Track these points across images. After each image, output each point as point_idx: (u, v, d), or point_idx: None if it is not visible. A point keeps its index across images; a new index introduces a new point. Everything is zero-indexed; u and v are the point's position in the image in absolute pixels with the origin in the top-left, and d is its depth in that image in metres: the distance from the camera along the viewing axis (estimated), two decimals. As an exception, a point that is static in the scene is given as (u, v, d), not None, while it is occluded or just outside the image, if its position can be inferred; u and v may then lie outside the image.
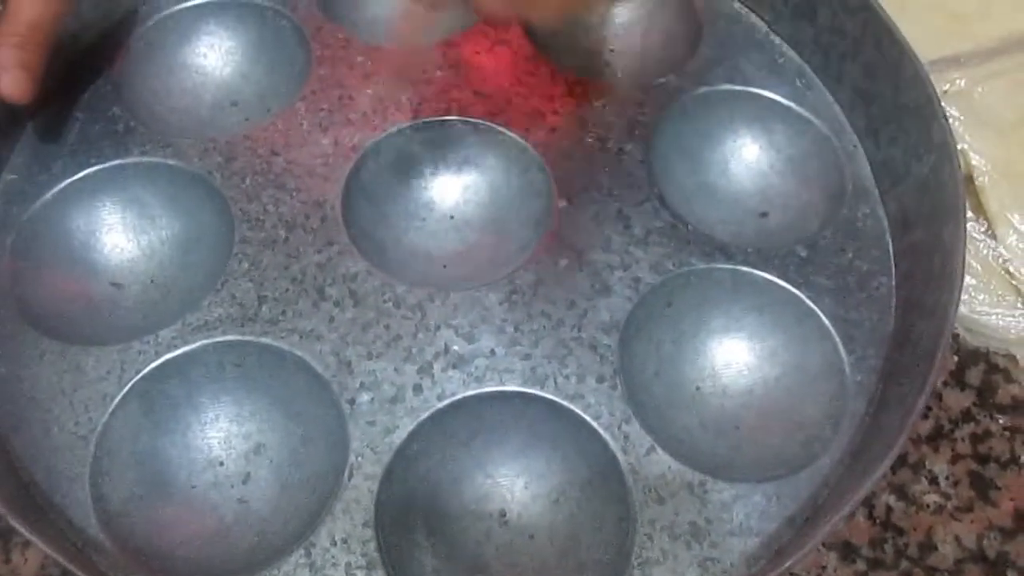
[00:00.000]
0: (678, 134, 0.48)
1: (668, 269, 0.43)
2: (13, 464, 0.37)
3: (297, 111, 0.47)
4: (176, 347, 0.40)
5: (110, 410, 0.39)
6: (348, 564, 0.36)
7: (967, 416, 0.43)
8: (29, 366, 0.39)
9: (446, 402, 0.39)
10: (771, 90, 0.48)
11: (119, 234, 0.44)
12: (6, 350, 0.40)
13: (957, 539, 0.40)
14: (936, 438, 0.43)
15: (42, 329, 0.40)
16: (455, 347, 0.41)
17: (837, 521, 0.32)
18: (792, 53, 0.50)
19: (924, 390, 0.35)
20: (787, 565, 0.32)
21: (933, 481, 0.42)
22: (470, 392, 0.40)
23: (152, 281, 0.44)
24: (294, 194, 0.44)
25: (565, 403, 0.39)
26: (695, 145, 0.48)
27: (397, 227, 0.46)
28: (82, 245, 0.44)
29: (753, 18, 0.51)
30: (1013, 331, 0.44)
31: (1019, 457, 0.42)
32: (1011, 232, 0.45)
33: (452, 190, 0.47)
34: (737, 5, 0.51)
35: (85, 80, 0.47)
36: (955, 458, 0.42)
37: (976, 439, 0.43)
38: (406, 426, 0.39)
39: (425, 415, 0.39)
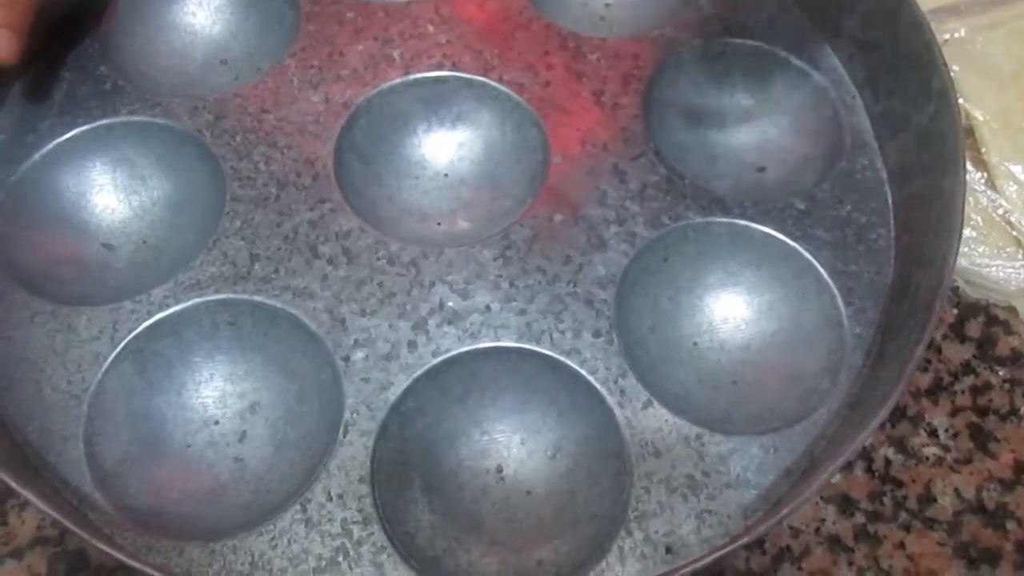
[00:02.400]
0: (674, 87, 0.47)
1: (664, 223, 0.42)
2: (6, 424, 0.37)
3: (287, 68, 0.46)
4: (168, 306, 0.40)
5: (103, 369, 0.38)
6: (344, 520, 0.36)
7: (967, 369, 0.43)
8: (20, 327, 0.39)
9: (441, 358, 0.39)
10: (768, 42, 0.47)
11: (110, 194, 0.44)
12: (-3, 311, 0.40)
13: (956, 491, 0.40)
14: (936, 391, 0.43)
15: (33, 290, 0.40)
16: (450, 303, 0.40)
17: (833, 471, 0.32)
18: (790, 3, 0.49)
19: (922, 340, 0.34)
20: (782, 515, 0.32)
21: (932, 434, 0.42)
22: (465, 348, 0.39)
23: (144, 242, 0.44)
24: (285, 152, 0.44)
25: (561, 358, 0.39)
26: (691, 99, 0.47)
27: (389, 186, 0.45)
28: (72, 206, 0.43)
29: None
30: (1014, 283, 0.44)
31: (1019, 409, 0.42)
32: (1011, 183, 0.45)
33: (446, 147, 0.46)
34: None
35: (71, 39, 0.46)
36: (955, 411, 0.42)
37: (976, 391, 0.42)
38: (401, 383, 0.38)
39: (420, 371, 0.39)
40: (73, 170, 0.44)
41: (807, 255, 0.42)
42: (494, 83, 0.46)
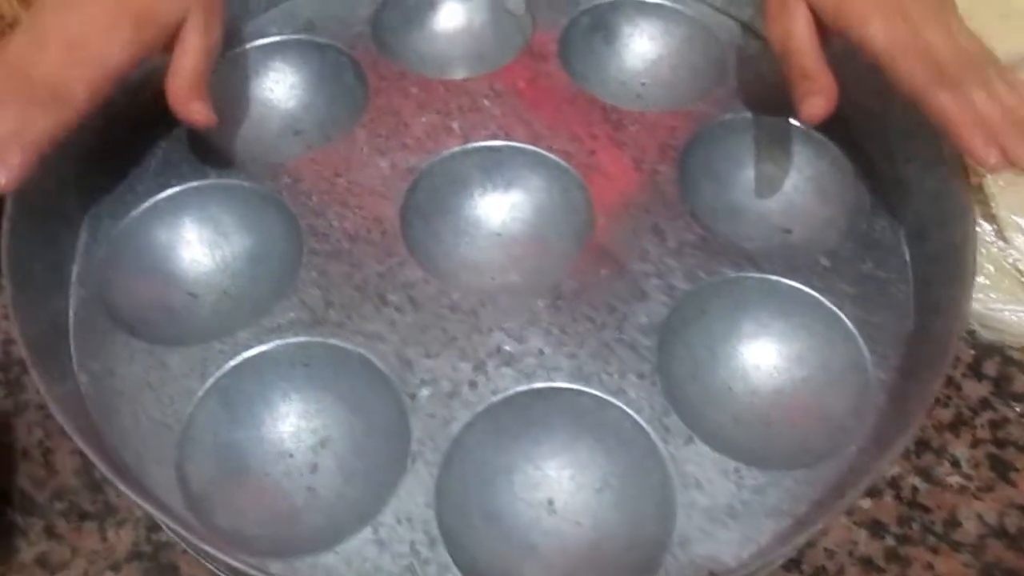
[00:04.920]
0: (707, 157, 0.51)
1: (701, 278, 0.46)
2: (107, 449, 0.41)
3: (357, 137, 0.51)
4: (252, 347, 0.44)
5: (194, 404, 0.42)
6: (412, 541, 0.39)
7: (985, 404, 0.46)
8: (119, 363, 0.43)
9: (499, 397, 0.43)
10: (791, 116, 0.52)
11: (196, 248, 0.49)
12: (99, 349, 0.44)
13: (979, 516, 0.43)
14: (957, 425, 0.46)
15: (131, 331, 0.44)
16: (506, 347, 0.44)
17: (856, 493, 0.35)
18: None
19: (939, 377, 0.38)
20: (810, 531, 0.35)
21: (955, 464, 0.45)
22: (521, 388, 0.43)
23: (225, 292, 0.48)
24: (356, 211, 0.48)
25: (609, 398, 0.43)
26: (722, 167, 0.52)
27: (447, 242, 0.50)
28: (163, 258, 0.48)
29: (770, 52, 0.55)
30: (1026, 325, 0.48)
31: (1035, 441, 0.45)
32: (1019, 234, 0.49)
33: (499, 209, 0.50)
34: (757, 43, 0.56)
35: (164, 113, 0.51)
36: (975, 443, 0.45)
37: (994, 425, 0.46)
38: (463, 418, 0.42)
39: (480, 408, 0.42)
40: (165, 226, 0.48)
41: (833, 307, 0.45)
42: (544, 151, 0.50)
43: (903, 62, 0.41)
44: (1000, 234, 0.50)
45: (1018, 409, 0.46)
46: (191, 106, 0.45)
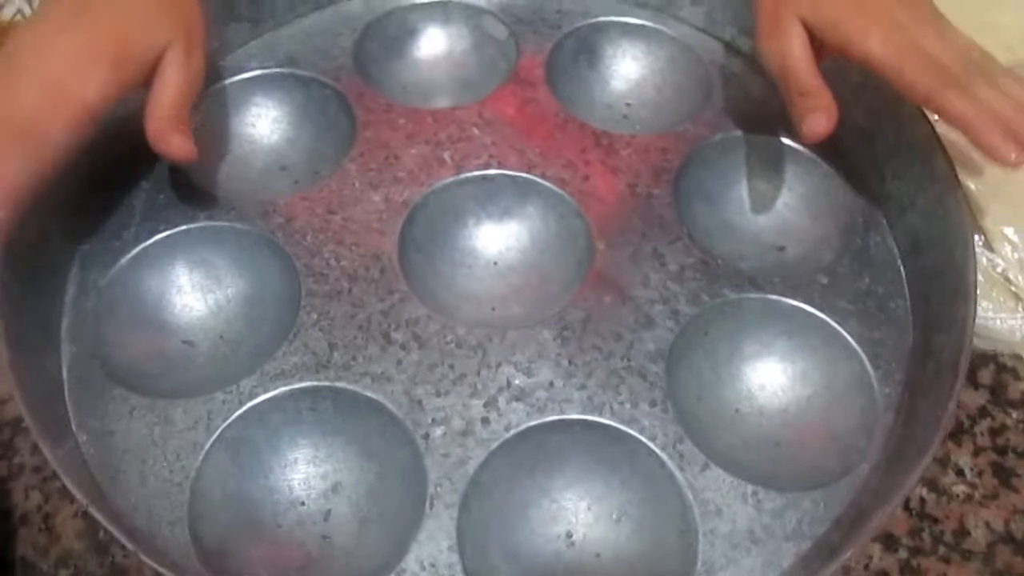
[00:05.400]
0: (699, 178, 0.52)
1: (703, 301, 0.46)
2: (114, 511, 0.39)
3: (348, 172, 0.50)
4: (257, 395, 0.43)
5: (201, 457, 0.41)
6: (438, 587, 0.39)
7: (983, 413, 0.47)
8: (120, 421, 0.42)
9: (512, 432, 0.42)
10: (780, 134, 0.53)
11: (188, 294, 0.47)
12: (97, 407, 0.42)
13: (987, 524, 0.44)
14: (958, 434, 0.47)
15: (128, 386, 0.43)
16: (516, 381, 0.44)
17: (882, 518, 0.36)
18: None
19: (952, 396, 0.39)
20: (839, 561, 0.35)
21: (959, 473, 0.46)
22: (533, 422, 0.43)
23: (221, 337, 0.47)
24: (353, 248, 0.47)
25: (622, 427, 0.43)
26: (714, 188, 0.52)
27: (445, 275, 0.49)
28: (154, 307, 0.47)
29: (754, 71, 0.55)
30: (1017, 333, 0.49)
31: (1034, 446, 0.47)
32: (1006, 244, 0.50)
33: (495, 239, 0.50)
34: (740, 61, 0.56)
35: (146, 153, 0.50)
36: (977, 451, 0.46)
37: (994, 433, 0.47)
38: (478, 456, 0.42)
39: (495, 445, 0.42)
40: (155, 273, 0.47)
41: (834, 324, 0.46)
42: (538, 179, 0.50)
43: (910, 71, 0.41)
44: (988, 245, 0.51)
45: (1015, 415, 0.47)
46: (171, 140, 0.44)
